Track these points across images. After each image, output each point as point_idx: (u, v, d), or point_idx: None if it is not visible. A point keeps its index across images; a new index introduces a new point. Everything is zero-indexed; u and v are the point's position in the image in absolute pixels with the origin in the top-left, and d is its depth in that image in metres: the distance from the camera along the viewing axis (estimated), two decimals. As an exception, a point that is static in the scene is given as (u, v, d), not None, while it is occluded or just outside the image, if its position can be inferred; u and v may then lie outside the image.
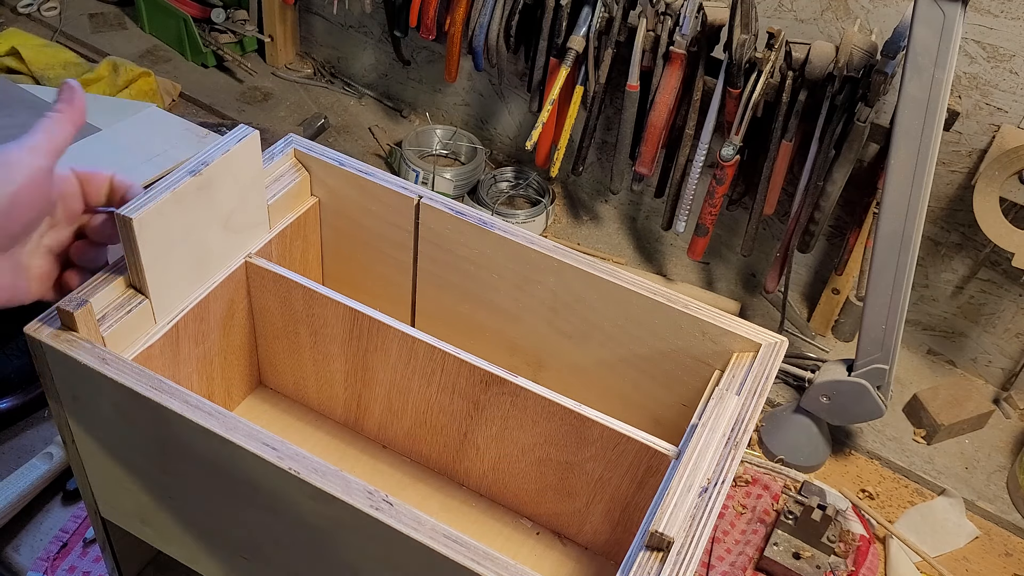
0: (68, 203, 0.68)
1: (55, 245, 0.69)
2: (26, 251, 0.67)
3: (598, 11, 1.28)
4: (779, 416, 1.23)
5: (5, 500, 0.97)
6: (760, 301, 1.47)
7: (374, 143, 1.70)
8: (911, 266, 1.00)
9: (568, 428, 0.78)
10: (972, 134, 1.21)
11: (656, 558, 0.62)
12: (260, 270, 0.84)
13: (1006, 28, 1.13)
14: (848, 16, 1.22)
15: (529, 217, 1.54)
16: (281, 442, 0.64)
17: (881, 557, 1.11)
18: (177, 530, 0.78)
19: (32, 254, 0.68)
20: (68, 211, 0.69)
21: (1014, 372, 1.33)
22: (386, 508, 0.61)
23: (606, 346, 0.85)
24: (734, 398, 0.73)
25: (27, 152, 0.63)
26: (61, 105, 0.66)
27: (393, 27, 1.61)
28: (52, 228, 0.69)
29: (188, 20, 1.76)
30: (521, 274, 0.84)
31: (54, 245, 0.69)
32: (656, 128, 1.29)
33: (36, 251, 0.68)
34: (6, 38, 1.68)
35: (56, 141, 0.65)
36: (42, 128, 0.64)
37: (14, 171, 0.62)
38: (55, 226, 0.69)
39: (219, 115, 1.72)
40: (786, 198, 1.33)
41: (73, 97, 0.66)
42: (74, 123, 0.66)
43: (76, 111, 0.66)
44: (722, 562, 1.06)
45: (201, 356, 0.84)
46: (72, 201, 0.69)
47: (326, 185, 0.89)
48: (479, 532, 0.89)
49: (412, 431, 0.91)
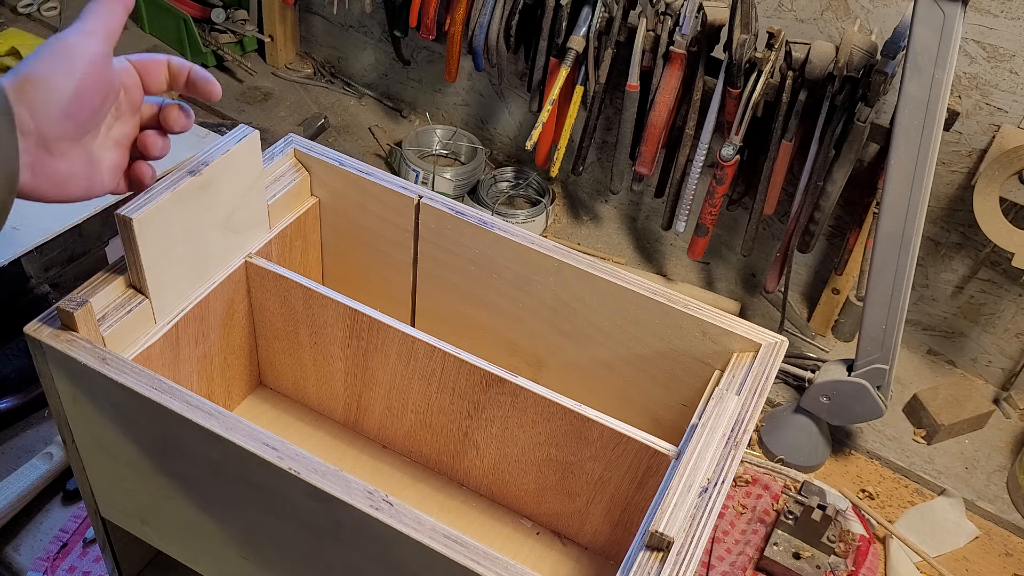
0: (129, 93, 0.68)
1: (122, 137, 0.69)
2: (97, 144, 0.67)
3: (598, 11, 1.28)
4: (779, 416, 1.23)
5: (5, 500, 0.98)
6: (760, 301, 1.47)
7: (374, 143, 1.70)
8: (911, 266, 1.00)
9: (568, 428, 0.78)
10: (972, 134, 1.21)
11: (656, 558, 0.62)
12: (260, 270, 0.84)
13: (1006, 28, 1.13)
14: (848, 16, 1.22)
15: (529, 217, 1.54)
16: (281, 442, 0.64)
17: (881, 557, 1.11)
18: (177, 530, 0.78)
19: (102, 147, 0.68)
20: (130, 101, 0.69)
21: (1014, 372, 1.33)
22: (386, 508, 0.61)
23: (606, 346, 0.85)
24: (734, 398, 0.73)
25: (83, 37, 0.62)
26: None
27: (393, 27, 1.61)
28: (117, 120, 0.69)
29: (188, 20, 1.76)
30: (521, 274, 0.84)
31: (121, 137, 0.69)
32: (656, 128, 1.29)
33: (105, 143, 0.68)
34: (6, 38, 1.67)
35: (109, 24, 0.64)
36: (93, 12, 0.64)
37: (75, 58, 0.61)
38: (120, 117, 0.69)
39: (219, 115, 1.72)
40: (786, 198, 1.33)
41: None
42: (124, 5, 0.65)
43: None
44: (722, 562, 1.06)
45: (201, 356, 0.84)
46: (133, 91, 0.69)
47: (326, 185, 0.89)
48: (479, 532, 0.89)
49: (412, 431, 0.91)
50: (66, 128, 0.62)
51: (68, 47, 0.62)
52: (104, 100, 0.65)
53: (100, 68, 0.63)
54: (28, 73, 0.60)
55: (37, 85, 0.60)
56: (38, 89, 0.60)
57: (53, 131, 0.62)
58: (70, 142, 0.63)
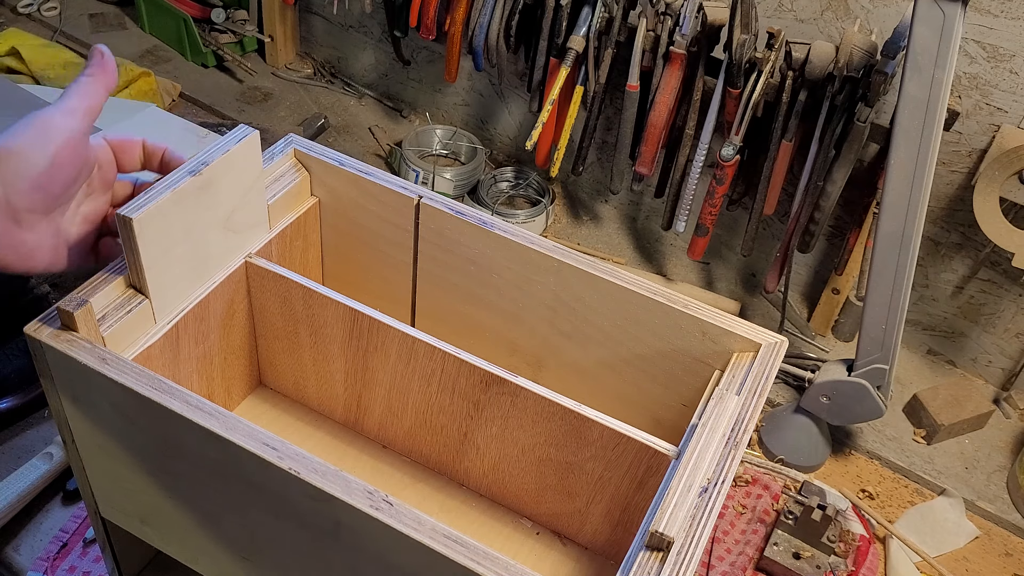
0: (103, 171, 0.70)
1: (91, 213, 0.71)
2: (65, 218, 0.68)
3: (598, 11, 1.28)
4: (779, 416, 1.23)
5: (5, 500, 0.98)
6: (760, 301, 1.47)
7: (374, 143, 1.70)
8: (911, 266, 1.00)
9: (568, 428, 0.78)
10: (972, 134, 1.21)
11: (656, 558, 0.62)
12: (260, 270, 0.84)
13: (1006, 28, 1.13)
14: (848, 16, 1.22)
15: (529, 217, 1.54)
16: (281, 442, 0.64)
17: (881, 557, 1.11)
18: (177, 530, 0.78)
19: (70, 222, 0.69)
20: (103, 178, 0.71)
21: (1014, 372, 1.33)
22: (386, 508, 0.61)
23: (606, 346, 0.85)
24: (734, 398, 0.73)
25: (62, 115, 0.64)
26: (92, 68, 0.67)
27: (393, 27, 1.61)
28: (88, 196, 0.70)
29: (188, 20, 1.76)
30: (521, 274, 0.84)
31: (90, 213, 0.71)
32: (656, 128, 1.29)
33: (74, 219, 0.70)
34: (6, 38, 1.67)
35: (90, 103, 0.66)
36: (75, 92, 0.66)
37: (52, 133, 0.63)
38: (91, 194, 0.70)
39: (219, 115, 1.72)
40: (786, 198, 1.33)
41: (104, 60, 0.67)
42: (106, 86, 0.67)
43: (108, 74, 0.67)
44: (722, 562, 1.06)
45: (201, 356, 0.84)
46: (107, 168, 0.70)
47: (326, 185, 0.89)
48: (479, 532, 0.89)
49: (412, 431, 0.91)
50: (35, 201, 0.64)
51: (47, 123, 0.64)
52: (77, 176, 0.66)
53: (76, 145, 0.65)
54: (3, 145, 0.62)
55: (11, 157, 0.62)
56: (11, 161, 0.62)
57: (23, 203, 0.63)
58: (39, 215, 0.65)
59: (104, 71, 0.67)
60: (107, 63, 0.68)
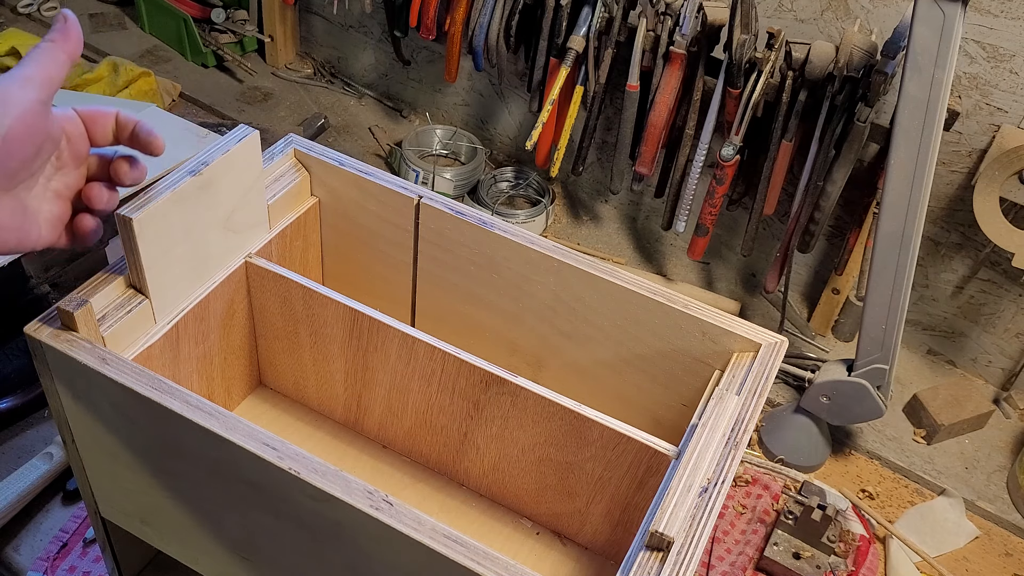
0: (74, 144, 0.66)
1: (64, 188, 0.67)
2: (33, 194, 0.64)
3: (598, 11, 1.28)
4: (779, 416, 1.23)
5: (5, 500, 0.98)
6: (760, 301, 1.47)
7: (374, 143, 1.70)
8: (911, 266, 1.00)
9: (568, 428, 0.78)
10: (972, 134, 1.21)
11: (656, 558, 0.62)
12: (260, 270, 0.84)
13: (1006, 28, 1.13)
14: (848, 16, 1.22)
15: (529, 217, 1.54)
16: (281, 442, 0.64)
17: (881, 557, 1.11)
18: (177, 530, 0.78)
19: (40, 198, 0.65)
20: (74, 152, 0.66)
21: (1014, 372, 1.33)
22: (386, 508, 0.61)
23: (606, 346, 0.85)
24: (734, 398, 0.73)
25: (19, 84, 0.60)
26: (54, 35, 0.62)
27: (393, 27, 1.61)
28: (59, 171, 0.66)
29: (188, 20, 1.76)
30: (521, 274, 0.84)
31: (63, 188, 0.67)
32: (656, 128, 1.29)
33: (44, 195, 0.65)
34: (6, 38, 1.67)
35: (49, 72, 0.61)
36: (33, 59, 0.61)
37: (7, 106, 0.59)
38: (62, 168, 0.66)
39: (219, 115, 1.72)
40: (786, 198, 1.33)
41: (67, 26, 0.63)
42: (68, 53, 0.63)
43: (70, 41, 0.63)
44: (722, 562, 1.06)
45: (201, 356, 0.84)
46: (78, 142, 0.66)
47: (326, 185, 0.89)
48: (479, 532, 0.89)
49: (412, 431, 0.91)
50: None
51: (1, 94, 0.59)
52: (38, 150, 0.62)
53: (34, 116, 0.60)
54: None
55: None
56: None
57: None
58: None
59: (66, 38, 0.62)
60: (70, 28, 0.63)
